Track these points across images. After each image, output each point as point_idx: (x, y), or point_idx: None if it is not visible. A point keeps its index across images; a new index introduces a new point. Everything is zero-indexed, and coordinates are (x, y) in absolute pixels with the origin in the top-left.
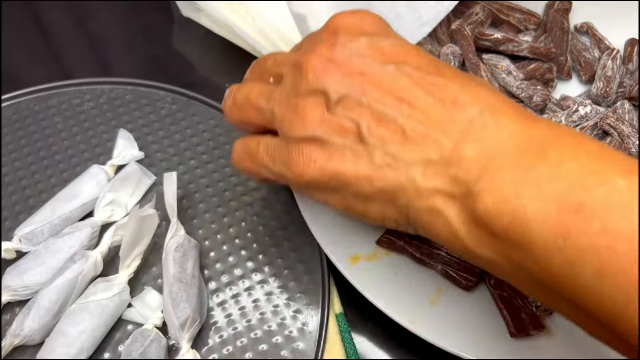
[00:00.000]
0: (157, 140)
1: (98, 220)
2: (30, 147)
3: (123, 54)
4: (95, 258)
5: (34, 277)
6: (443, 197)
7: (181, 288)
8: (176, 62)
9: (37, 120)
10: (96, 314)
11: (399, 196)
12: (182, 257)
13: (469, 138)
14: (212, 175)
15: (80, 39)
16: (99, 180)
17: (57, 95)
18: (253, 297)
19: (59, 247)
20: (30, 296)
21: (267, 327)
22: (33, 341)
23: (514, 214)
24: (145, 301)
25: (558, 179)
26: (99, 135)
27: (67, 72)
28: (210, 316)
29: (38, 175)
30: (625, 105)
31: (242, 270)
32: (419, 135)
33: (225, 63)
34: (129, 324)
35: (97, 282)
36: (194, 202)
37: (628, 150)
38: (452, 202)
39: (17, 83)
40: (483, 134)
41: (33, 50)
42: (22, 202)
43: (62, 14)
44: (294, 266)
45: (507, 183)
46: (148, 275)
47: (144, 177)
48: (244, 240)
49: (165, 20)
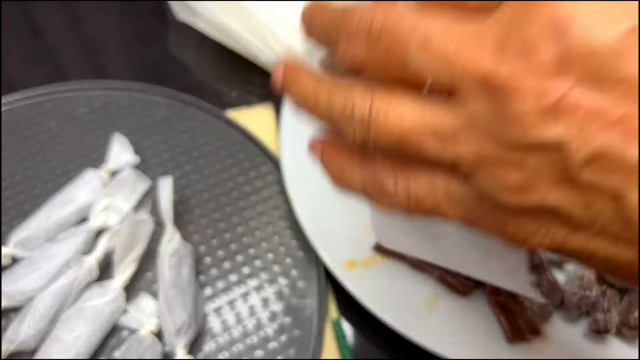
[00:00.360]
0: (152, 145)
1: (93, 225)
2: (25, 152)
3: (118, 58)
4: (90, 264)
5: (29, 282)
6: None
7: (177, 294)
8: (171, 66)
9: (32, 125)
10: (92, 320)
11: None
12: (178, 262)
13: None
14: (207, 180)
15: (75, 42)
16: (94, 186)
17: (52, 100)
18: (249, 303)
19: (54, 252)
20: (26, 302)
21: (263, 333)
22: (29, 347)
23: None
24: (141, 307)
25: None
26: (95, 140)
27: (62, 75)
28: (206, 322)
29: (33, 180)
30: None
31: (238, 276)
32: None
33: (220, 67)
34: (125, 329)
35: (93, 287)
36: (190, 207)
37: None
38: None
39: (12, 86)
40: None
41: (28, 53)
42: (18, 207)
43: (58, 17)
44: (289, 272)
45: None
46: (143, 280)
47: (139, 182)
48: (239, 245)
49: (160, 25)
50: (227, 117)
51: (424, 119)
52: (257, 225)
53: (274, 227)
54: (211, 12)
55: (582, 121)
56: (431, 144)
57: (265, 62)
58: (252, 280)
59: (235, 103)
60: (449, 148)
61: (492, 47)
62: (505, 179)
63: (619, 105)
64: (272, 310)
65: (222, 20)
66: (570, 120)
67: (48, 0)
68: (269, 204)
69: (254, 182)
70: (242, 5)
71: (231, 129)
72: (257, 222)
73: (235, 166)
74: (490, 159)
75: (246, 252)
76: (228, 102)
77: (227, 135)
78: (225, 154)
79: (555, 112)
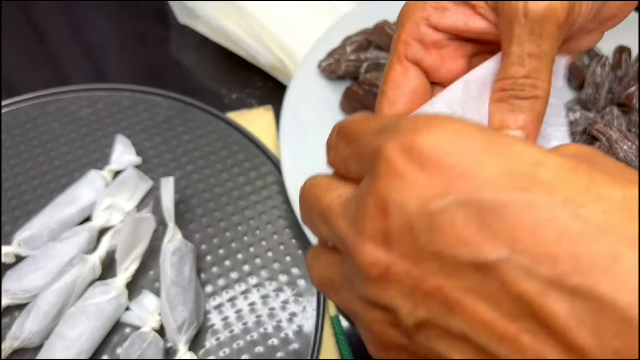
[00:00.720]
0: (154, 146)
1: (96, 224)
2: (29, 152)
3: (120, 60)
4: (93, 262)
5: (33, 281)
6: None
7: (178, 291)
8: (173, 68)
9: (35, 126)
10: (94, 317)
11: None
12: (179, 261)
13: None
14: (208, 180)
15: (77, 45)
16: (97, 185)
17: (55, 102)
18: (249, 300)
19: (58, 251)
20: (30, 299)
21: (263, 330)
22: (32, 344)
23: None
24: (143, 304)
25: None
26: (97, 140)
27: (64, 78)
28: (207, 319)
29: (37, 180)
30: (614, 111)
31: (238, 274)
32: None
33: (221, 69)
34: (127, 326)
35: (96, 285)
36: (191, 207)
37: (616, 156)
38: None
39: (15, 90)
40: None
41: (31, 57)
42: (21, 207)
43: (60, 21)
44: (289, 269)
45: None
46: (146, 278)
47: (141, 182)
48: (240, 244)
49: (162, 27)
50: (227, 119)
51: (326, 272)
52: (257, 224)
53: (274, 226)
54: (212, 15)
55: (408, 291)
56: (331, 294)
57: (265, 64)
58: (252, 278)
59: (235, 105)
60: (336, 298)
61: (349, 215)
62: (368, 328)
63: (435, 278)
64: (272, 307)
65: (222, 24)
66: (398, 288)
67: (50, 3)
68: (269, 204)
69: (254, 182)
70: (243, 8)
71: (232, 130)
72: (257, 221)
73: (236, 167)
74: (353, 310)
75: (246, 251)
76: (228, 104)
77: (227, 136)
78: (226, 155)
79: (385, 279)
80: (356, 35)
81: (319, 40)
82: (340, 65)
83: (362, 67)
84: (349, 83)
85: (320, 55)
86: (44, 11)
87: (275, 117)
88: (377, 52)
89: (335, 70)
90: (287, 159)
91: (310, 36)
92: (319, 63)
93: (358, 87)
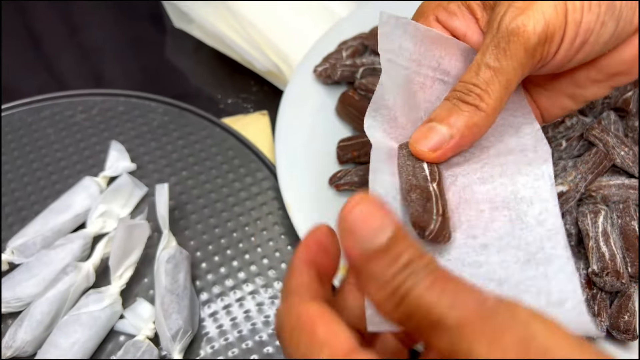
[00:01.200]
0: (149, 152)
1: (90, 231)
2: (23, 158)
3: (115, 65)
4: (87, 270)
5: (26, 289)
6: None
7: (173, 299)
8: (168, 73)
9: (30, 131)
10: (88, 326)
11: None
12: (174, 268)
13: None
14: (203, 186)
15: (72, 50)
16: (91, 192)
17: (49, 107)
18: (244, 308)
19: (51, 258)
20: (23, 308)
21: (258, 338)
22: (25, 353)
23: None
24: (137, 312)
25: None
26: (92, 146)
27: (59, 83)
28: (202, 327)
29: (31, 187)
30: (611, 116)
31: (234, 281)
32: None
33: (217, 74)
34: (121, 335)
35: (89, 293)
36: (186, 213)
37: (613, 162)
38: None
39: (9, 95)
40: None
41: (25, 61)
42: (15, 214)
43: (54, 25)
44: (284, 276)
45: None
46: (140, 286)
47: (136, 189)
48: (235, 251)
49: (157, 32)
50: (223, 124)
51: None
52: (252, 231)
53: (269, 233)
54: (207, 19)
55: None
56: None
57: (261, 70)
58: (248, 285)
59: (231, 110)
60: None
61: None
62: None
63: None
64: (267, 315)
65: (217, 28)
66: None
67: (45, 7)
68: (264, 210)
69: (250, 188)
70: (238, 12)
71: (227, 136)
72: (253, 228)
73: (231, 172)
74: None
75: (242, 258)
76: (224, 109)
77: (223, 141)
78: (221, 161)
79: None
80: (352, 40)
81: (315, 44)
82: (336, 70)
83: (358, 72)
84: (345, 88)
85: (316, 60)
86: (40, 15)
87: (271, 123)
88: (374, 57)
89: (331, 75)
90: (283, 165)
91: (306, 41)
92: (314, 68)
93: (354, 92)
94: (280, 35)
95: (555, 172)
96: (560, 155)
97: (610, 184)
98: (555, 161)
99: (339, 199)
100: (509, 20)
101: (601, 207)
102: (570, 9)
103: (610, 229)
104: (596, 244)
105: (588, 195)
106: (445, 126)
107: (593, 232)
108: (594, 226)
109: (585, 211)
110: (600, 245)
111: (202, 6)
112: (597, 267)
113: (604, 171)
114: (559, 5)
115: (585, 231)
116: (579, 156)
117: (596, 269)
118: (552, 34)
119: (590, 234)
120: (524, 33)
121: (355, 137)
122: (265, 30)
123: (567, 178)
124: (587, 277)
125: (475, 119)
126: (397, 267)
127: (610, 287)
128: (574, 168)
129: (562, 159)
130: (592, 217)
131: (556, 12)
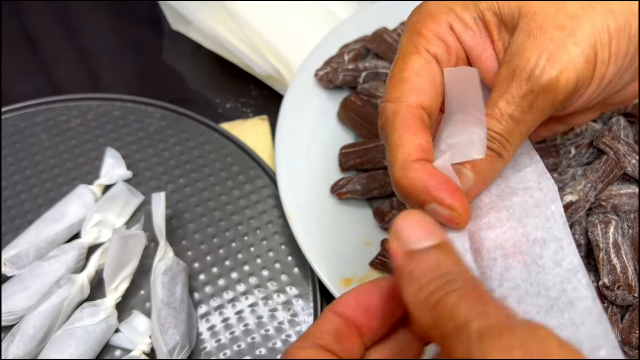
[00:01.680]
0: (145, 158)
1: (85, 242)
2: (16, 165)
3: (112, 68)
4: (81, 282)
5: (18, 302)
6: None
7: (170, 313)
8: (166, 77)
9: (23, 137)
10: (82, 341)
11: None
12: (171, 280)
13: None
14: (201, 193)
15: (68, 53)
16: (86, 201)
17: (44, 112)
18: (243, 322)
19: (45, 270)
20: (15, 321)
21: (258, 353)
22: None
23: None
24: (133, 326)
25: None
26: (87, 153)
27: (55, 87)
28: (200, 341)
29: (24, 195)
30: (621, 121)
31: (233, 293)
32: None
33: (215, 78)
34: (117, 349)
35: (84, 306)
36: (183, 222)
37: (624, 170)
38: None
39: (4, 99)
40: None
41: (21, 65)
42: (8, 223)
43: (51, 28)
44: (285, 289)
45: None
46: (136, 298)
47: (132, 197)
48: (234, 261)
49: (155, 34)
50: (221, 129)
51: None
52: (251, 240)
53: (269, 243)
54: (206, 23)
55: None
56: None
57: (261, 74)
58: (247, 298)
59: (229, 114)
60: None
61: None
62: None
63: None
64: (267, 329)
65: (216, 30)
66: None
67: (41, 9)
68: (264, 219)
69: (249, 196)
70: (236, 14)
71: (225, 142)
72: (252, 238)
73: (230, 180)
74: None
75: (241, 269)
76: (223, 114)
77: (221, 147)
78: (220, 167)
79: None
80: (354, 43)
81: (316, 47)
82: (337, 75)
83: (361, 76)
84: (347, 92)
85: (317, 63)
86: (36, 17)
87: (271, 128)
88: (376, 60)
89: (333, 79)
90: (284, 172)
91: (306, 43)
92: (315, 72)
93: (356, 98)
94: (280, 38)
95: (564, 180)
96: (569, 162)
97: (621, 192)
98: (564, 169)
99: (341, 208)
100: (540, 72)
101: (612, 217)
102: (599, 61)
103: (621, 239)
104: (607, 255)
105: (598, 204)
106: (472, 172)
107: (603, 243)
108: (605, 237)
109: (595, 221)
110: (611, 257)
111: (200, 8)
112: (608, 280)
113: (615, 180)
114: (589, 57)
115: (595, 242)
116: (588, 164)
117: (607, 282)
118: (580, 88)
119: (601, 245)
120: (555, 90)
121: (358, 144)
122: (264, 33)
123: (576, 187)
124: (598, 291)
125: (497, 166)
126: (436, 273)
127: (621, 301)
128: (583, 176)
129: (571, 166)
130: (602, 227)
131: (587, 65)
